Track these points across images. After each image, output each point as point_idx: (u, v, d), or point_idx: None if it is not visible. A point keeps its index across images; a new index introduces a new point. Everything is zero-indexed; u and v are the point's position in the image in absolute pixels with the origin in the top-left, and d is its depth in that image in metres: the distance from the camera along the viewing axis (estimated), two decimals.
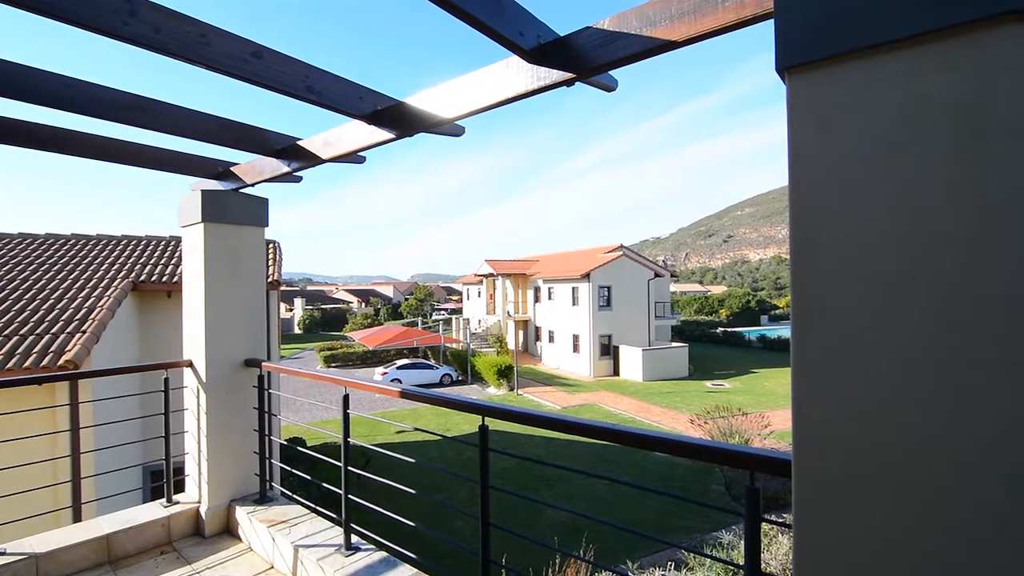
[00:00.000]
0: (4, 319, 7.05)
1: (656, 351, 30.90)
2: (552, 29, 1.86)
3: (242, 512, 3.42)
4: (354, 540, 2.91)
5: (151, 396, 3.94)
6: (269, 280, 9.52)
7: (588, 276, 31.74)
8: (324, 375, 3.42)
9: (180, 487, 3.78)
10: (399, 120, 2.42)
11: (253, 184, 3.42)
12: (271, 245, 10.98)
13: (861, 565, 0.95)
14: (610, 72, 1.90)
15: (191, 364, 3.62)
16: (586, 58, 1.76)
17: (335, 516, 3.06)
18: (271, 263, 10.35)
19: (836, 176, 0.97)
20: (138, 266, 9.46)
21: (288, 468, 3.63)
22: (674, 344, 34.12)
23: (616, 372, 31.75)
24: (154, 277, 9.04)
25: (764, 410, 19.82)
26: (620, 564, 8.90)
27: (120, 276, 8.87)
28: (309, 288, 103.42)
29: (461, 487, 14.34)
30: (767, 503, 11.59)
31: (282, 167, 3.11)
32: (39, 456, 5.20)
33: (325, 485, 3.06)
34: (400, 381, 27.60)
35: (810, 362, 1.00)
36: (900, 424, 0.90)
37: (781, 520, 1.47)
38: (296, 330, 63.33)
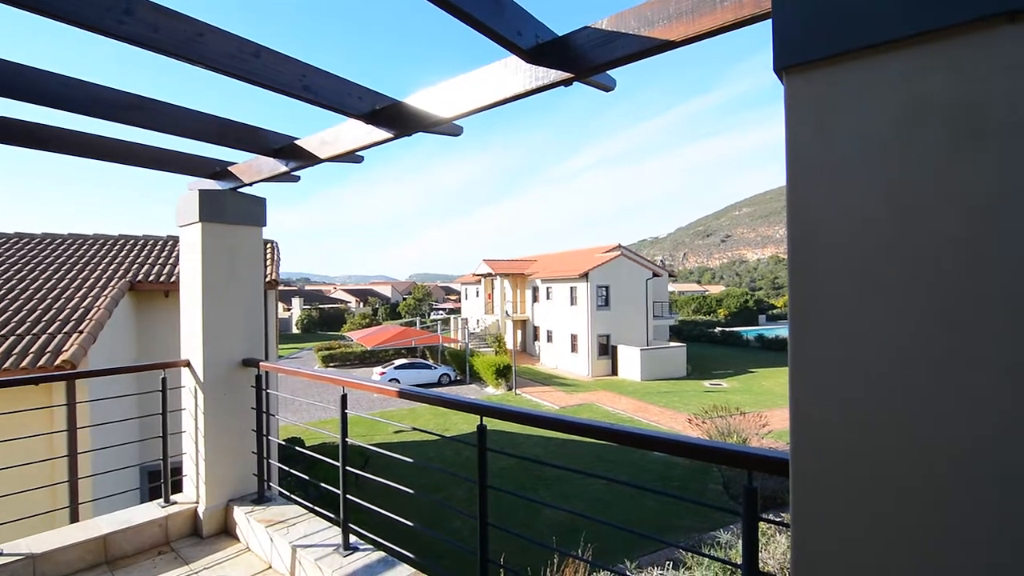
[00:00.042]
0: (1, 319, 7.03)
1: (654, 351, 30.94)
2: (550, 29, 1.86)
3: (240, 512, 3.42)
4: (352, 540, 2.91)
5: (148, 396, 3.93)
6: (267, 280, 9.50)
7: (586, 276, 31.77)
8: (322, 375, 3.42)
9: (178, 487, 3.77)
10: (397, 119, 2.42)
11: (251, 184, 3.42)
12: (269, 245, 10.96)
13: (860, 565, 0.95)
14: (608, 72, 1.90)
15: (189, 364, 3.61)
16: (584, 58, 1.76)
17: (333, 516, 3.05)
18: (269, 263, 10.34)
19: (834, 176, 0.96)
20: (135, 266, 9.44)
21: (286, 468, 3.62)
22: (672, 344, 34.17)
23: (614, 372, 31.78)
24: (151, 277, 9.02)
25: (762, 409, 19.85)
26: (618, 563, 8.90)
27: (117, 276, 8.85)
28: (307, 288, 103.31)
29: (459, 487, 14.34)
30: (765, 502, 11.61)
31: (280, 167, 3.11)
32: (36, 456, 5.19)
33: (323, 485, 3.05)
34: (398, 381, 27.57)
35: (808, 362, 0.99)
36: (900, 424, 0.90)
37: (779, 519, 1.47)
38: (294, 330, 63.26)
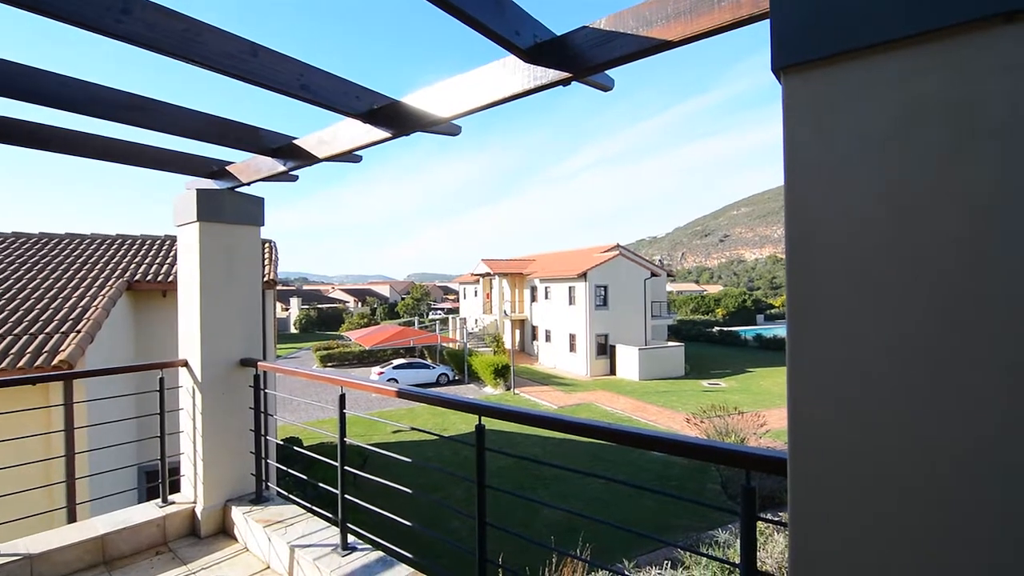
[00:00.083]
0: None
1: (652, 350, 30.96)
2: (548, 28, 1.85)
3: (238, 512, 3.41)
4: (350, 540, 2.90)
5: (146, 396, 3.92)
6: (265, 279, 9.49)
7: (585, 275, 31.78)
8: (320, 375, 3.42)
9: (175, 487, 3.76)
10: (395, 119, 2.42)
11: (249, 183, 3.41)
12: (267, 244, 10.95)
13: (862, 565, 0.95)
14: (606, 72, 1.90)
15: (187, 364, 3.60)
16: (582, 57, 1.76)
17: (331, 516, 3.05)
18: (267, 262, 10.32)
19: (832, 176, 0.96)
20: (133, 265, 9.41)
21: (284, 468, 3.62)
22: (670, 343, 34.21)
23: (612, 371, 31.79)
24: (149, 276, 9.00)
25: (760, 409, 19.86)
26: (616, 563, 8.91)
27: (115, 275, 8.82)
28: (305, 287, 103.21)
29: (458, 486, 14.33)
30: (763, 502, 11.62)
31: (278, 166, 3.10)
32: (33, 456, 5.16)
33: (322, 485, 3.05)
34: (396, 381, 27.54)
35: (806, 362, 0.99)
36: (901, 424, 0.90)
37: (777, 519, 1.47)
38: (292, 330, 63.18)
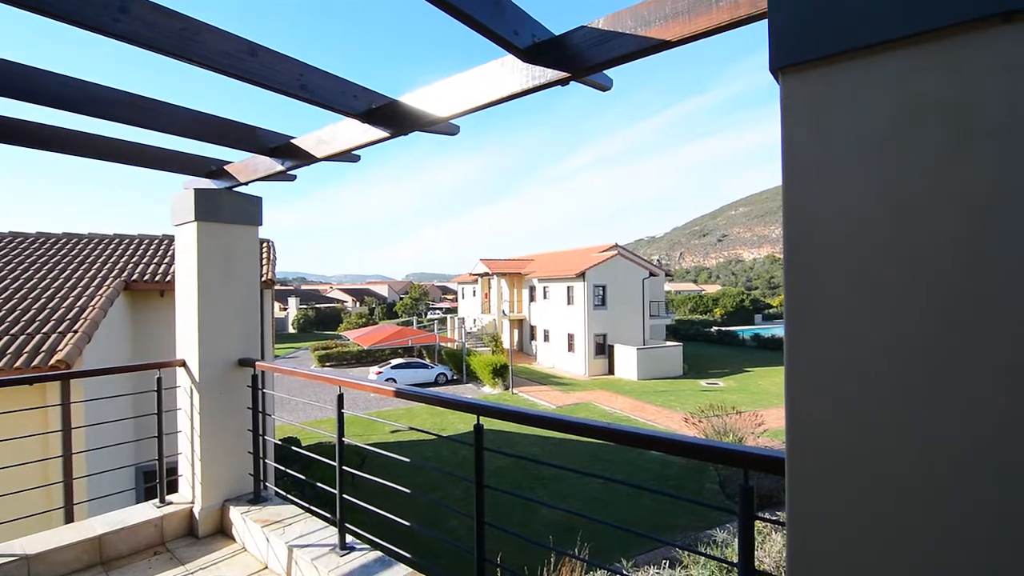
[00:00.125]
0: None
1: (651, 350, 30.99)
2: (547, 28, 1.85)
3: (236, 512, 3.40)
4: (349, 540, 2.90)
5: (144, 396, 3.91)
6: (263, 279, 9.47)
7: (583, 275, 31.79)
8: (318, 375, 3.41)
9: (173, 487, 3.76)
10: (394, 119, 2.41)
11: (247, 183, 3.40)
12: (265, 244, 10.93)
13: (860, 564, 0.95)
14: (605, 71, 1.90)
15: (184, 364, 3.59)
16: (581, 57, 1.76)
17: (330, 516, 3.04)
18: (265, 262, 10.30)
19: (830, 176, 0.96)
20: (130, 265, 9.38)
21: (282, 468, 3.61)
22: (669, 343, 34.25)
23: (611, 371, 31.82)
24: (147, 276, 8.97)
25: (758, 408, 19.88)
26: (615, 562, 8.91)
27: (112, 275, 8.79)
28: (303, 287, 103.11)
29: (456, 486, 14.33)
30: (761, 501, 11.65)
31: (276, 166, 3.10)
32: (30, 456, 5.14)
33: (320, 485, 3.04)
34: (395, 380, 27.52)
35: (804, 362, 0.99)
36: (899, 424, 0.90)
37: (775, 518, 1.48)
38: (290, 329, 63.10)
